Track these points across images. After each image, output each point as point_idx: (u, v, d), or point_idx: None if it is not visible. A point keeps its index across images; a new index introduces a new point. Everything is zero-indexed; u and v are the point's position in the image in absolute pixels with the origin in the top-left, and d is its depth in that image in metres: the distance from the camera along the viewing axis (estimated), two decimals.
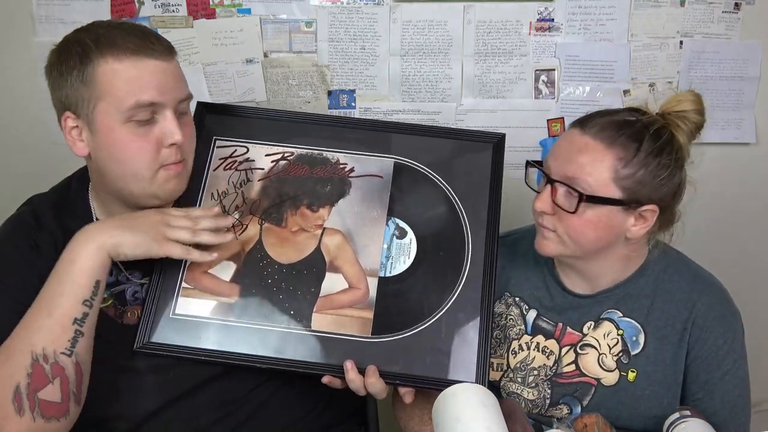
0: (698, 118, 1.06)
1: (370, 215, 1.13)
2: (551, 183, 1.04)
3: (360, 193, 1.14)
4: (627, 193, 1.01)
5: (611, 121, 1.03)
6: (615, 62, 1.64)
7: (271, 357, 1.05)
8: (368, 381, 1.02)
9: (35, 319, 0.92)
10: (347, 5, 1.58)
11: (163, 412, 1.06)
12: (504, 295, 1.18)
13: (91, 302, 0.94)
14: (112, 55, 0.95)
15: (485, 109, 1.65)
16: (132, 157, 0.99)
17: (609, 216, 1.02)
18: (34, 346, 0.90)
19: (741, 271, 1.78)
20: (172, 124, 0.99)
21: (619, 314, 1.11)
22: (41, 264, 1.01)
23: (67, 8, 1.54)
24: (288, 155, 1.16)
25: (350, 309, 1.08)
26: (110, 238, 0.95)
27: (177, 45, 1.58)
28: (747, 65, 1.67)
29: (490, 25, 1.60)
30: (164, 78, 0.98)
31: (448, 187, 1.16)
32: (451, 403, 0.91)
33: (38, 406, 0.90)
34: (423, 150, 1.18)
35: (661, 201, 1.03)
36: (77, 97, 0.97)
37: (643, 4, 1.61)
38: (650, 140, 1.01)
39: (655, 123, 1.03)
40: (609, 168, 1.00)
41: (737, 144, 1.72)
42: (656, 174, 1.01)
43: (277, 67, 1.61)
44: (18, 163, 1.63)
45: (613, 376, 1.09)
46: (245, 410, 1.09)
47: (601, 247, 1.06)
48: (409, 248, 1.12)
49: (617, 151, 1.00)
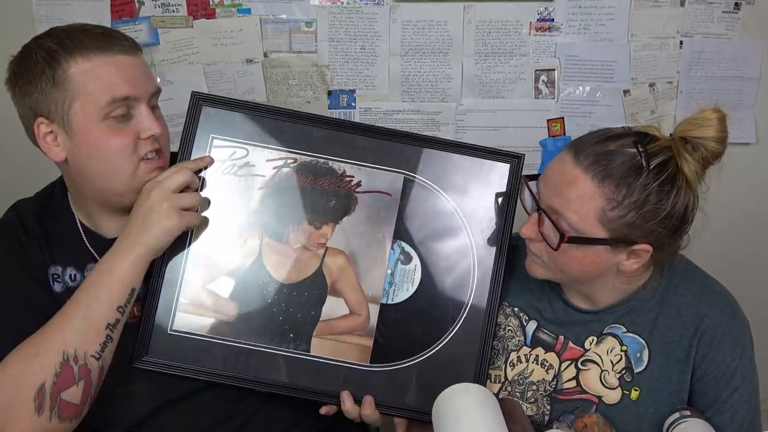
0: (717, 147, 0.94)
1: (375, 236, 1.08)
2: (539, 211, 0.97)
3: (366, 211, 1.08)
4: (614, 234, 0.93)
5: (606, 152, 0.92)
6: (615, 62, 1.64)
7: (267, 381, 1.04)
8: (364, 412, 1.03)
9: (70, 320, 0.93)
10: (347, 5, 1.58)
11: (155, 418, 1.05)
12: (502, 305, 1.12)
13: (125, 309, 0.96)
14: (81, 55, 0.95)
15: (485, 109, 1.65)
16: (112, 153, 0.98)
17: (595, 254, 0.95)
18: (66, 346, 0.91)
19: (741, 271, 1.77)
20: (149, 116, 0.99)
21: (623, 329, 1.05)
22: (31, 265, 1.02)
23: (67, 8, 1.54)
24: (291, 162, 1.08)
25: (350, 335, 1.06)
26: (142, 246, 0.96)
27: (177, 45, 1.60)
28: (747, 65, 1.67)
29: (490, 25, 1.60)
30: (135, 72, 0.98)
31: (459, 211, 1.09)
32: (451, 403, 0.91)
33: (59, 405, 0.91)
34: (435, 166, 1.09)
35: (655, 241, 0.94)
36: (49, 102, 0.96)
37: (643, 4, 1.61)
38: (648, 178, 0.91)
39: (660, 154, 0.92)
40: (596, 208, 0.92)
41: (737, 144, 1.71)
42: (650, 217, 0.92)
43: (277, 67, 1.61)
44: (18, 162, 1.63)
45: (615, 393, 1.05)
46: (242, 414, 1.09)
47: (590, 278, 1.01)
48: (414, 275, 1.08)
49: (607, 190, 0.91)
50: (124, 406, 1.05)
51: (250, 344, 1.04)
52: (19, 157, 1.30)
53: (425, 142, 1.10)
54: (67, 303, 0.95)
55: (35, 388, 0.90)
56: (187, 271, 1.05)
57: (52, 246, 1.05)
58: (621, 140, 0.94)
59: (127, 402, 1.05)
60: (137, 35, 1.56)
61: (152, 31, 1.57)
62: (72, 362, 0.91)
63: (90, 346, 0.93)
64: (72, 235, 1.05)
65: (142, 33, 1.56)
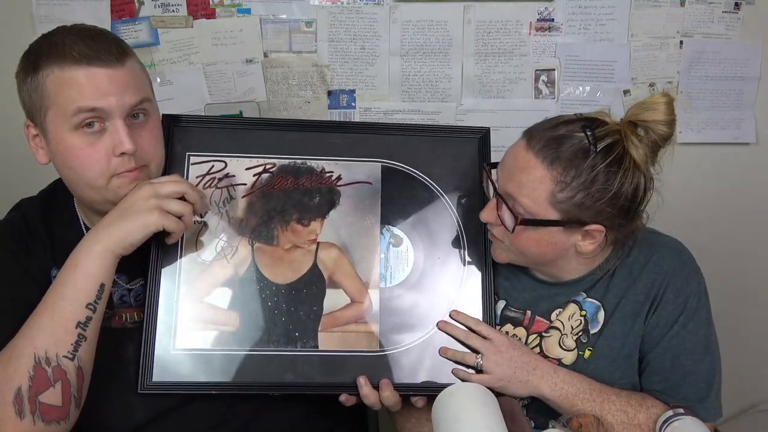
0: (665, 130, 0.98)
1: (363, 224, 1.11)
2: (497, 196, 1.02)
3: (351, 202, 1.11)
4: (565, 215, 0.97)
5: (555, 137, 0.97)
6: (615, 62, 1.64)
7: (282, 383, 1.04)
8: (383, 395, 1.02)
9: (38, 321, 0.91)
10: (347, 5, 1.58)
11: (153, 426, 1.05)
12: None
13: (95, 305, 0.93)
14: (57, 64, 0.94)
15: (485, 109, 1.65)
16: (82, 165, 0.97)
17: (550, 235, 1.00)
18: (36, 348, 0.89)
19: (741, 271, 1.78)
20: (121, 132, 0.96)
21: (584, 296, 1.10)
22: (35, 267, 1.02)
23: (67, 8, 1.54)
24: (270, 167, 1.11)
25: (355, 324, 1.06)
26: (110, 237, 0.94)
27: (177, 45, 1.60)
28: (747, 65, 1.67)
29: (490, 25, 1.60)
30: (108, 84, 0.95)
31: (438, 186, 1.14)
32: (451, 403, 0.91)
33: (39, 409, 0.89)
34: (409, 150, 1.14)
35: (607, 221, 0.98)
36: (32, 106, 0.97)
37: (643, 4, 1.61)
38: (595, 159, 0.95)
39: (607, 137, 0.96)
40: (546, 191, 0.96)
41: (737, 144, 1.72)
42: (598, 197, 0.96)
43: (277, 67, 1.61)
44: (19, 162, 1.63)
45: (572, 355, 1.09)
46: (240, 418, 1.08)
47: (550, 260, 1.05)
48: (407, 255, 1.11)
49: (556, 172, 0.95)
50: (122, 414, 1.04)
51: (257, 350, 1.04)
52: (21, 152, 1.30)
53: (396, 129, 1.17)
54: (39, 303, 0.93)
55: (12, 393, 0.88)
56: (182, 289, 1.04)
57: (56, 248, 1.04)
58: (571, 125, 0.98)
59: (125, 411, 1.04)
60: (137, 35, 1.56)
61: (152, 31, 1.57)
62: (44, 364, 0.89)
63: (61, 346, 0.90)
64: (77, 238, 1.03)
65: (142, 33, 1.56)
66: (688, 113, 1.67)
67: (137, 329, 1.04)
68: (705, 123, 1.69)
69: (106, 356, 1.00)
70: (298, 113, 1.63)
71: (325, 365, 1.05)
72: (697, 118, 1.68)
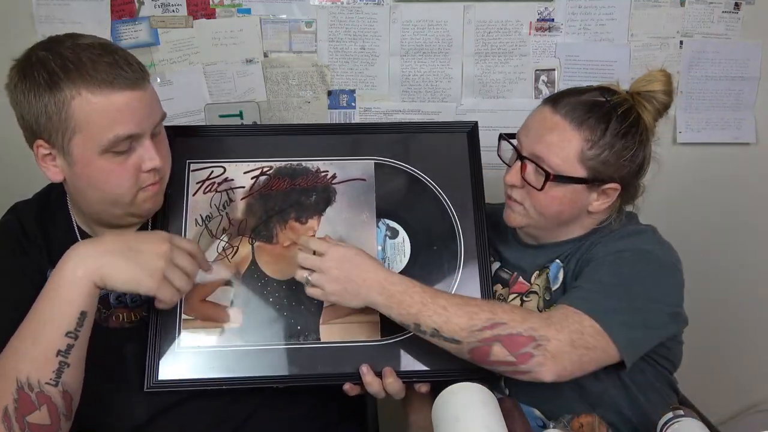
0: (666, 98, 1.11)
1: (359, 219, 1.14)
2: (521, 159, 1.10)
3: (346, 198, 1.15)
4: (591, 173, 1.07)
5: (581, 102, 1.08)
6: (615, 62, 1.64)
7: (286, 375, 1.05)
8: (386, 382, 1.03)
9: (21, 345, 0.89)
10: (347, 5, 1.58)
11: (153, 424, 1.05)
12: None
13: (75, 334, 0.89)
14: (85, 88, 0.91)
15: (485, 109, 1.65)
16: (113, 184, 0.98)
17: (573, 193, 1.09)
18: (19, 372, 0.87)
19: (740, 271, 1.78)
20: (151, 151, 0.98)
21: (559, 263, 1.15)
22: (31, 267, 1.02)
23: (67, 8, 1.54)
24: (267, 169, 1.15)
25: (356, 315, 1.07)
26: (99, 268, 0.90)
27: (177, 45, 1.60)
28: (747, 65, 1.67)
29: (490, 25, 1.60)
30: (140, 108, 0.95)
31: (430, 180, 1.17)
32: (451, 402, 0.91)
33: (28, 428, 0.88)
34: (400, 147, 1.19)
35: (623, 179, 1.09)
36: (50, 128, 0.94)
37: (643, 4, 1.61)
38: (617, 122, 1.06)
39: (624, 104, 1.08)
40: (576, 149, 1.06)
41: (737, 144, 1.71)
42: (620, 155, 1.07)
43: (277, 67, 1.61)
44: (20, 163, 1.63)
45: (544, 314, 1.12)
46: (239, 416, 1.09)
47: (564, 220, 1.13)
48: (403, 246, 1.14)
49: (585, 132, 1.06)
50: (122, 414, 1.04)
51: (260, 345, 1.06)
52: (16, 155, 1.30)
53: (387, 127, 1.22)
54: (24, 322, 0.90)
55: (1, 412, 0.87)
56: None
57: (51, 250, 1.05)
58: (591, 93, 1.11)
59: (124, 410, 1.04)
60: (137, 35, 1.56)
61: (152, 31, 1.57)
62: (27, 389, 0.87)
63: (42, 373, 0.88)
64: (71, 241, 1.04)
65: (141, 33, 1.56)
66: (688, 113, 1.67)
67: (135, 329, 1.05)
68: (705, 123, 1.69)
69: (105, 356, 1.00)
70: (298, 113, 1.64)
71: (328, 356, 1.06)
72: (697, 118, 1.68)
